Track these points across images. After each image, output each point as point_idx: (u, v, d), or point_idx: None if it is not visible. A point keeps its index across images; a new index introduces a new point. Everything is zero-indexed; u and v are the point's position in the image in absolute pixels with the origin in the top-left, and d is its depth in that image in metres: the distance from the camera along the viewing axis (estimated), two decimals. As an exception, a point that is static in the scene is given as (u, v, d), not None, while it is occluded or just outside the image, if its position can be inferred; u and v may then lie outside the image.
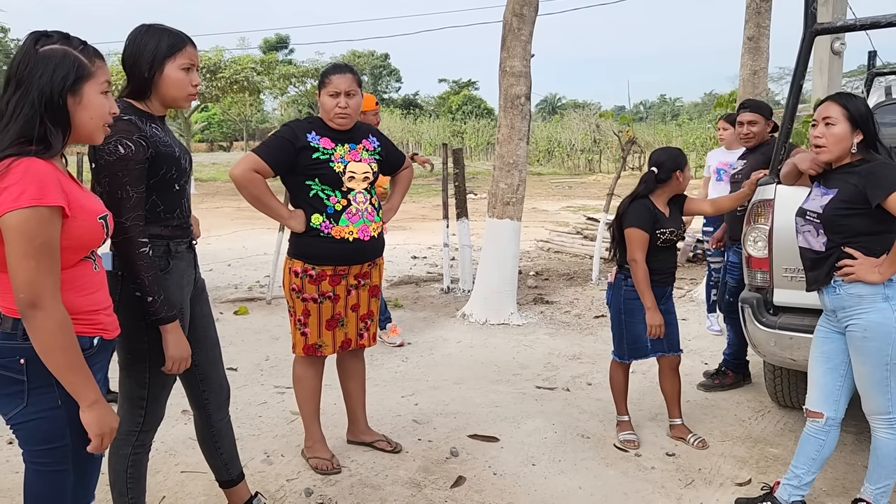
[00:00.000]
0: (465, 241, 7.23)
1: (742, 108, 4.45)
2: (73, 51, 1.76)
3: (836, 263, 2.69)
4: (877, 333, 2.63)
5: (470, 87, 57.01)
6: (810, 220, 2.76)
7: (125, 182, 2.23)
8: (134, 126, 2.26)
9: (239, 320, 6.29)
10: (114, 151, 2.19)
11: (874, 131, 2.73)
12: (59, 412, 1.77)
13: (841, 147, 2.71)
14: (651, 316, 3.51)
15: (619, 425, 3.79)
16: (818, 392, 2.85)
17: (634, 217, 3.51)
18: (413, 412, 4.10)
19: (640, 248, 3.48)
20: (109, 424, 1.80)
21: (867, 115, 2.72)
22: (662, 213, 3.58)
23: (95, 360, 1.85)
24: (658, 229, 3.51)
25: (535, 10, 6.13)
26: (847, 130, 2.69)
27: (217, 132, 51.08)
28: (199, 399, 2.69)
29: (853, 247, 2.66)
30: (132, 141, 2.24)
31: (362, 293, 3.32)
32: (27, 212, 1.61)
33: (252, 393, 4.37)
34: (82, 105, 1.76)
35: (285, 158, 3.09)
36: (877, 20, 3.08)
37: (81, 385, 1.74)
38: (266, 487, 3.16)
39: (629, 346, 3.66)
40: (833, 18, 8.32)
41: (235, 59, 24.60)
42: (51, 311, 1.66)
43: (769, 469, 3.38)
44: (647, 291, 3.49)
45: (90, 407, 1.75)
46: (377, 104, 5.55)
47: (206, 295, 2.69)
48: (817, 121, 2.74)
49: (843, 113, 2.69)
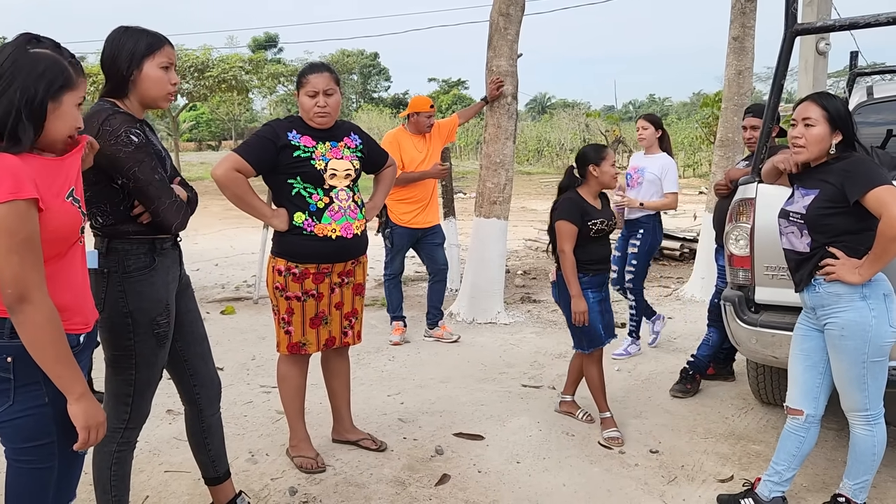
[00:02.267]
0: (452, 241, 7.23)
1: (747, 112, 4.44)
2: (64, 60, 1.78)
3: (819, 263, 2.71)
4: (854, 332, 2.66)
5: (459, 86, 57.06)
6: (794, 221, 2.78)
7: (154, 165, 2.31)
8: (131, 118, 2.33)
9: (226, 320, 6.28)
10: (129, 141, 2.25)
11: (853, 132, 2.75)
12: (46, 409, 1.78)
13: (820, 148, 2.72)
14: (576, 303, 3.66)
15: (603, 422, 3.82)
16: (798, 389, 2.87)
17: (562, 211, 3.68)
18: (399, 411, 4.11)
19: (569, 240, 3.64)
20: (96, 418, 1.81)
21: (846, 116, 2.73)
22: (592, 205, 3.73)
23: (81, 358, 1.87)
24: (589, 221, 3.66)
25: (522, 10, 6.15)
26: (826, 131, 2.70)
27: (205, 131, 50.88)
28: (190, 394, 2.70)
29: (837, 246, 2.68)
30: (138, 129, 2.31)
31: (346, 291, 3.32)
32: (5, 207, 1.61)
33: (238, 392, 4.37)
34: (59, 113, 1.77)
35: (267, 157, 3.09)
36: (855, 21, 3.10)
37: (70, 378, 1.75)
38: (250, 486, 3.16)
39: (585, 336, 3.78)
40: (818, 18, 8.41)
41: (223, 58, 24.49)
42: (39, 305, 1.67)
43: (751, 465, 3.41)
44: (574, 280, 3.66)
45: (78, 400, 1.77)
46: (432, 107, 5.52)
47: (192, 291, 2.69)
48: (797, 121, 2.76)
49: (822, 114, 2.70)
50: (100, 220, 2.35)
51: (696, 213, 12.27)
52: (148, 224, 2.37)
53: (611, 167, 3.73)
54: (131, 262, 2.36)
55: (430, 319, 5.66)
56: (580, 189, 3.76)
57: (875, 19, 2.98)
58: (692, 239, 8.92)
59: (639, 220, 5.11)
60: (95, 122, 2.25)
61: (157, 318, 2.41)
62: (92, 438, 1.81)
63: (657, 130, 5.17)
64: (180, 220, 2.39)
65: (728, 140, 6.91)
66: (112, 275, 2.34)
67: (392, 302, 5.65)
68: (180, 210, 2.39)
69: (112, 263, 2.34)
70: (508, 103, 6.15)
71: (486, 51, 6.17)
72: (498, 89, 6.03)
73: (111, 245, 2.35)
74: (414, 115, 5.45)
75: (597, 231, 3.68)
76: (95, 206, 2.33)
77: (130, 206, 2.34)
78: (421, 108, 5.43)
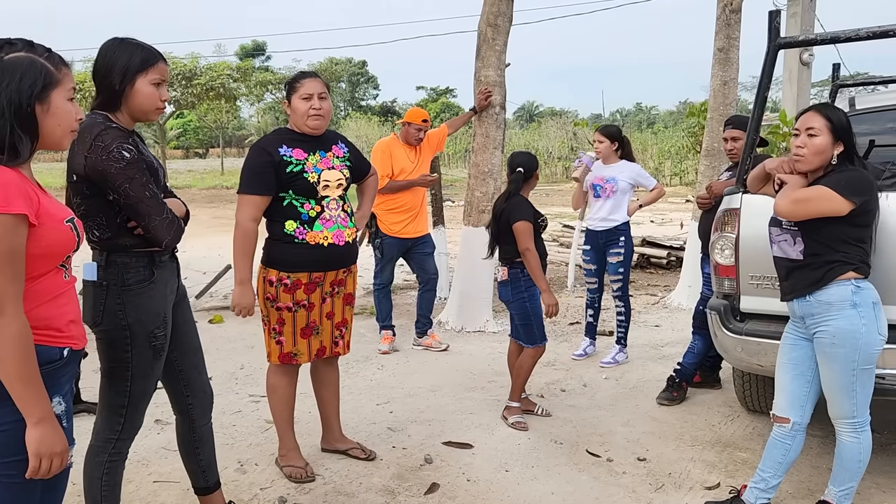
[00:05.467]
0: (441, 249, 7.26)
1: (727, 124, 4.50)
2: (39, 58, 1.76)
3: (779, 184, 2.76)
4: (845, 340, 2.69)
5: (448, 94, 57.15)
6: (787, 230, 2.79)
7: (146, 181, 2.31)
8: (125, 134, 2.33)
9: (214, 329, 6.26)
10: (121, 157, 2.25)
11: (853, 143, 2.77)
12: (24, 424, 1.73)
13: (821, 158, 2.74)
14: (548, 297, 3.86)
15: (508, 409, 4.06)
16: (785, 398, 2.91)
17: (521, 212, 3.88)
18: (388, 420, 4.11)
19: (531, 238, 3.85)
20: (53, 447, 1.71)
21: (848, 128, 2.74)
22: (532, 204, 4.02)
23: (65, 371, 1.85)
24: (539, 219, 3.94)
25: (510, 21, 6.19)
26: (828, 142, 2.72)
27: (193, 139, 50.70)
28: (182, 404, 2.70)
29: (833, 256, 2.70)
30: (130, 145, 2.31)
31: (337, 301, 3.33)
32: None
33: (226, 402, 4.36)
34: (50, 112, 1.76)
35: (272, 178, 3.13)
36: (836, 35, 3.16)
37: (31, 400, 1.68)
38: (240, 496, 3.16)
39: (539, 329, 4.01)
40: (802, 31, 8.52)
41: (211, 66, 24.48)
42: (10, 319, 1.65)
43: (738, 472, 3.45)
44: (542, 276, 3.87)
45: (36, 424, 1.69)
46: (425, 121, 5.53)
47: (188, 301, 2.71)
48: (800, 130, 2.77)
49: (826, 124, 2.72)
50: (97, 233, 2.35)
51: (683, 221, 12.37)
52: (145, 237, 2.38)
53: (534, 180, 4.11)
54: (131, 275, 2.37)
55: (419, 328, 5.68)
56: (523, 192, 4.04)
57: (856, 34, 3.04)
58: (679, 247, 8.98)
59: (617, 229, 5.18)
60: (88, 137, 2.25)
61: (154, 331, 2.41)
62: (44, 469, 1.71)
63: (613, 143, 5.26)
64: (172, 237, 2.38)
65: (714, 150, 6.98)
66: (111, 287, 2.34)
67: (381, 311, 5.66)
68: (172, 226, 2.37)
69: (111, 276, 2.35)
70: (497, 113, 6.19)
71: (474, 61, 6.22)
72: (486, 99, 6.07)
73: (110, 258, 2.35)
74: (406, 125, 5.50)
75: (544, 227, 4.02)
76: (92, 219, 2.33)
77: (126, 218, 2.35)
78: (412, 120, 5.48)
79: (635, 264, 8.94)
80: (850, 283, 2.69)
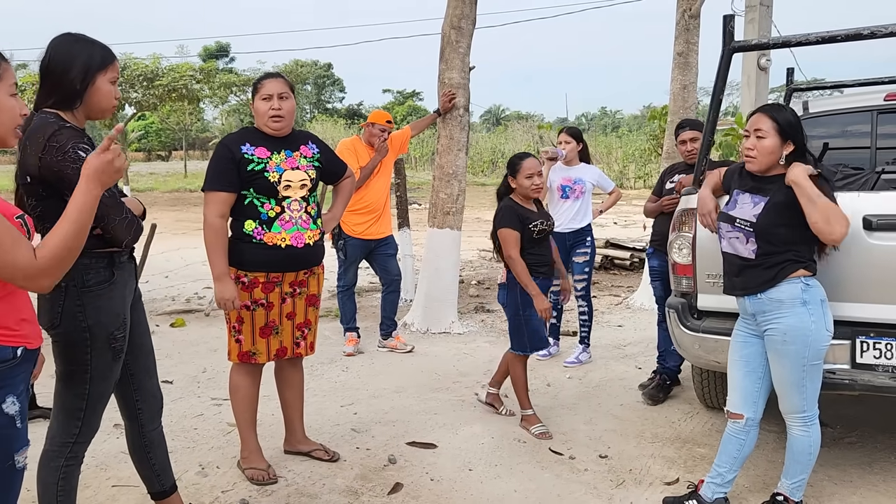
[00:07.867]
0: (406, 251, 7.26)
1: (681, 127, 4.59)
2: None
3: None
4: (795, 337, 2.76)
5: (414, 97, 57.18)
6: (740, 228, 2.85)
7: None
8: (79, 133, 2.29)
9: (175, 332, 6.19)
10: (77, 157, 2.18)
11: (804, 142, 2.85)
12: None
13: (770, 159, 2.82)
14: (539, 301, 3.81)
15: (527, 419, 3.99)
16: (738, 394, 2.97)
17: (502, 219, 3.86)
18: (352, 421, 4.11)
19: (514, 246, 3.80)
20: None
21: (797, 127, 2.82)
22: (528, 209, 3.92)
23: (19, 371, 1.82)
24: (529, 224, 3.84)
25: (473, 23, 6.23)
26: (777, 143, 2.80)
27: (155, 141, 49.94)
28: (131, 409, 2.66)
29: (784, 255, 2.77)
30: (86, 144, 2.26)
31: (298, 302, 3.32)
32: None
33: (188, 405, 4.31)
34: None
35: (235, 175, 3.12)
36: (788, 39, 3.26)
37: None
38: (200, 500, 3.13)
39: (531, 339, 3.92)
40: (759, 36, 8.71)
41: (174, 67, 24.12)
42: None
43: (696, 468, 3.51)
44: (529, 282, 3.80)
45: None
46: (389, 122, 5.54)
47: (142, 304, 2.67)
48: (749, 132, 2.85)
49: (773, 126, 2.79)
50: None
51: (646, 223, 12.54)
52: (103, 238, 2.34)
53: (526, 179, 3.87)
54: (91, 276, 2.33)
55: (384, 330, 5.67)
56: (514, 195, 3.95)
57: (805, 38, 3.14)
58: (641, 249, 9.12)
59: (584, 230, 5.28)
60: (41, 137, 2.20)
61: (114, 332, 2.38)
62: None
63: (578, 144, 5.36)
64: (131, 237, 2.36)
65: (674, 152, 7.07)
66: (70, 289, 2.30)
67: (346, 313, 5.65)
68: (131, 226, 2.34)
69: (70, 277, 2.28)
70: (461, 115, 6.22)
71: (438, 63, 6.25)
72: (450, 101, 6.10)
73: None
74: (369, 125, 5.51)
75: (539, 232, 3.87)
76: (49, 221, 2.28)
77: None
78: (376, 120, 5.50)
79: (599, 265, 9.06)
80: (799, 281, 2.77)
